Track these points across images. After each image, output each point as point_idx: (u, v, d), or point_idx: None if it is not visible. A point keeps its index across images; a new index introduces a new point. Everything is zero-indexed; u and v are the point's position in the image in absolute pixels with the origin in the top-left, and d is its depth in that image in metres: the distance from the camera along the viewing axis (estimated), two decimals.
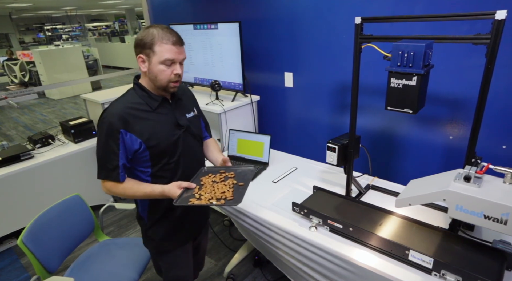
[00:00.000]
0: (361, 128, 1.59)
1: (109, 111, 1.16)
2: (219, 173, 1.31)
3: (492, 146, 1.68)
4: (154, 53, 1.14)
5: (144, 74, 1.21)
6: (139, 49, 1.16)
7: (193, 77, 2.94)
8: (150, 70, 1.17)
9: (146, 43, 1.14)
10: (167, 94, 1.25)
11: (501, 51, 1.03)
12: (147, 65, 1.16)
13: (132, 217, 2.84)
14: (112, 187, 1.20)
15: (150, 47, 1.13)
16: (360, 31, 1.26)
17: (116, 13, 18.56)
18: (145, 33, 1.14)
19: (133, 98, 1.21)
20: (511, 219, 0.92)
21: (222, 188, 1.21)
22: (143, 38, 1.14)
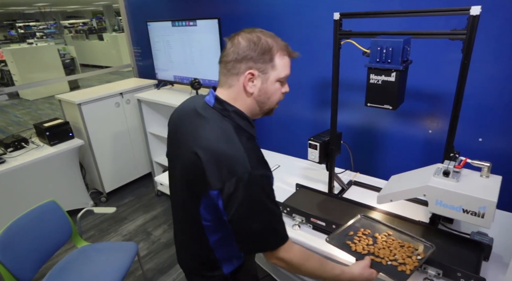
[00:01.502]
0: (343, 124, 1.59)
1: (245, 160, 0.79)
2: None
3: (469, 139, 1.71)
4: (273, 68, 0.86)
5: (245, 96, 0.87)
6: (249, 62, 0.84)
7: (172, 75, 2.88)
8: (263, 91, 0.87)
9: (263, 54, 0.84)
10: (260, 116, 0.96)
11: (477, 46, 1.04)
12: (259, 83, 0.86)
13: (113, 220, 2.77)
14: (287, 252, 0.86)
15: (270, 60, 0.85)
16: (339, 27, 1.25)
17: (94, 9, 18.00)
18: (255, 40, 0.84)
19: (240, 131, 0.86)
20: (487, 212, 0.93)
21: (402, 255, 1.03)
22: (256, 47, 0.83)
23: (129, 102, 3.03)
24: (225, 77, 0.88)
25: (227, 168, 0.78)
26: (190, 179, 0.87)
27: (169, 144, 1.02)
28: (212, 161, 0.80)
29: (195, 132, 0.86)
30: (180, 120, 0.96)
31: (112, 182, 3.08)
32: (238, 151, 0.80)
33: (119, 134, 3.03)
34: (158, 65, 2.97)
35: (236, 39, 0.85)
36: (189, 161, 0.84)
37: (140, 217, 2.81)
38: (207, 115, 0.88)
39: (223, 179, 0.78)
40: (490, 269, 1.11)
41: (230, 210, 0.80)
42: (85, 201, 2.85)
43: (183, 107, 1.00)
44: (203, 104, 0.91)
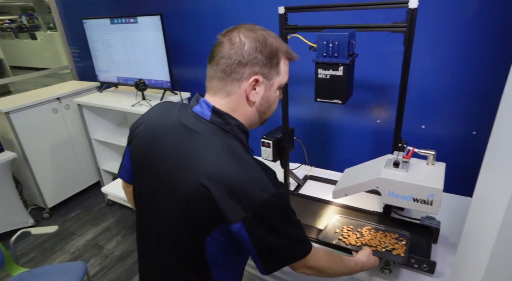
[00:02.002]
0: (294, 119, 1.59)
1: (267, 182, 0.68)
2: None
3: (413, 127, 1.80)
4: (278, 74, 0.76)
5: (246, 105, 0.76)
6: (255, 67, 0.72)
7: (115, 77, 2.68)
8: (265, 99, 0.77)
9: (270, 58, 0.73)
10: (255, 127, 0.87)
11: (415, 37, 1.07)
12: (262, 91, 0.75)
13: (58, 237, 2.52)
14: (315, 258, 0.80)
15: (277, 64, 0.74)
16: (284, 21, 1.22)
17: (23, 5, 16.30)
18: (261, 41, 0.72)
19: (246, 149, 0.75)
20: (435, 199, 0.96)
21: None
22: (264, 50, 0.71)
23: (68, 107, 2.78)
24: (222, 83, 0.73)
25: (248, 195, 0.65)
26: (194, 217, 0.70)
27: (140, 170, 0.82)
28: (226, 191, 0.65)
29: (193, 155, 0.69)
30: (159, 138, 0.76)
31: (55, 196, 2.81)
32: (256, 172, 0.68)
33: (59, 143, 2.76)
34: (99, 66, 2.75)
35: (237, 37, 0.71)
36: (192, 195, 0.68)
37: (89, 230, 2.60)
38: (202, 130, 0.72)
39: (246, 208, 0.65)
40: (439, 250, 1.16)
41: (259, 237, 0.69)
42: (24, 220, 2.56)
43: (160, 120, 0.79)
44: (192, 117, 0.74)
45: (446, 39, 1.57)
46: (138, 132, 0.82)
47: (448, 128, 1.74)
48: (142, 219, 0.86)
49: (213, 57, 0.74)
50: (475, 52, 1.53)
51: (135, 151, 0.83)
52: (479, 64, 1.54)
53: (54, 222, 2.72)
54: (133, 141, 0.84)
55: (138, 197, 0.86)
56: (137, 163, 0.83)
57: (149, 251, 0.85)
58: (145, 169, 0.80)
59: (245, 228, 0.67)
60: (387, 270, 1.08)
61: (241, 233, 0.67)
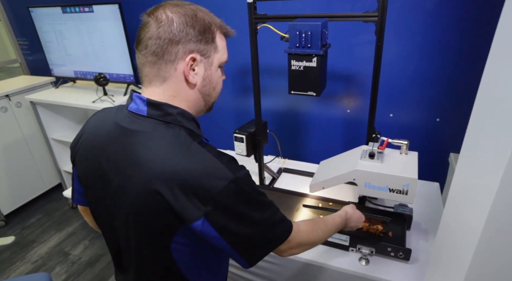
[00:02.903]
0: (266, 111, 1.56)
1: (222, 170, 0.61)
2: None
3: (382, 116, 1.83)
4: (216, 50, 0.69)
5: (187, 89, 0.68)
6: (189, 44, 0.64)
7: (72, 71, 2.49)
8: (207, 79, 0.70)
9: (204, 32, 0.65)
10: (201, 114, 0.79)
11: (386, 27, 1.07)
12: (202, 70, 0.68)
13: (18, 246, 2.34)
14: (298, 235, 0.75)
15: (212, 40, 0.67)
16: (253, 10, 1.16)
17: None
18: (190, 15, 0.64)
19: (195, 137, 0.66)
20: (410, 189, 0.98)
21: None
22: (195, 24, 0.64)
23: (20, 105, 2.54)
24: (155, 68, 0.65)
25: (203, 188, 0.59)
26: (151, 225, 0.64)
27: (91, 188, 0.75)
28: (179, 189, 0.59)
29: (136, 158, 0.62)
30: (101, 148, 0.69)
31: (10, 202, 2.59)
32: (208, 161, 0.61)
33: (12, 144, 2.53)
34: (53, 60, 2.53)
35: (163, 14, 0.63)
36: (143, 202, 0.61)
37: (53, 236, 2.43)
38: (142, 128, 0.64)
39: (205, 202, 0.59)
40: (412, 237, 1.19)
41: (229, 229, 0.62)
42: None
43: (97, 129, 0.72)
44: (129, 117, 0.67)
45: (411, 28, 1.60)
46: (79, 148, 0.75)
47: (414, 116, 1.79)
48: (109, 241, 0.80)
49: (140, 41, 0.65)
50: (439, 41, 1.57)
51: (81, 169, 0.75)
52: (443, 53, 1.59)
53: (11, 230, 2.52)
54: (76, 160, 0.76)
55: (96, 218, 0.79)
56: (85, 179, 0.75)
57: (127, 270, 0.79)
58: (95, 185, 0.72)
59: (209, 224, 0.60)
60: (365, 260, 1.09)
61: (207, 230, 0.61)
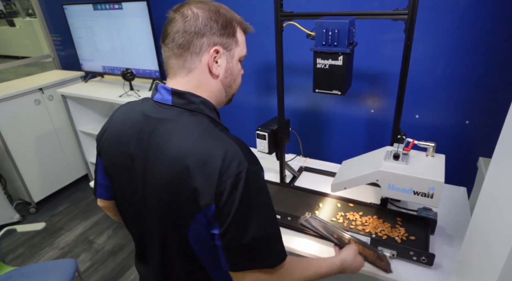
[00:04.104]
0: (288, 109, 1.56)
1: (239, 154, 0.63)
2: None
3: (407, 117, 1.79)
4: (237, 44, 0.73)
5: (210, 80, 0.72)
6: (213, 37, 0.68)
7: (101, 66, 2.58)
8: (229, 71, 0.73)
9: (226, 26, 0.69)
10: (222, 106, 0.82)
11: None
12: (224, 63, 0.71)
13: (47, 232, 2.46)
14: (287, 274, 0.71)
15: (233, 34, 0.71)
16: (279, 7, 1.16)
17: None
18: (214, 10, 0.69)
19: (217, 124, 0.71)
20: (436, 192, 0.95)
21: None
22: (218, 18, 0.68)
23: (51, 98, 2.66)
24: (181, 60, 0.69)
25: (221, 169, 0.60)
26: (173, 205, 0.65)
27: (119, 177, 0.77)
28: (200, 168, 0.61)
29: (163, 143, 0.65)
30: (128, 138, 0.72)
31: (41, 190, 2.73)
32: (229, 145, 0.63)
33: (44, 135, 2.66)
34: (83, 55, 2.63)
35: (189, 10, 0.67)
36: (169, 183, 0.64)
37: (79, 225, 2.54)
38: (167, 116, 0.68)
39: (218, 185, 0.60)
40: (436, 242, 1.16)
41: (225, 219, 0.62)
42: (9, 215, 2.48)
43: (124, 121, 0.75)
44: (154, 107, 0.71)
45: (441, 26, 1.54)
46: (105, 141, 0.78)
47: (441, 117, 1.74)
48: (134, 231, 0.82)
49: (167, 35, 0.69)
50: (470, 40, 1.51)
51: (108, 160, 0.78)
52: (474, 52, 1.53)
53: (41, 217, 2.65)
54: (102, 152, 0.79)
55: (122, 207, 0.82)
56: (112, 170, 0.78)
57: (150, 260, 0.81)
58: (122, 175, 0.75)
59: (215, 210, 0.61)
60: None
61: (213, 218, 0.62)
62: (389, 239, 1.11)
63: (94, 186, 0.87)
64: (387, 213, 1.24)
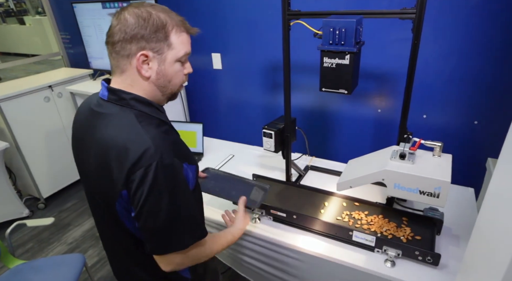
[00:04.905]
0: (295, 108, 1.55)
1: (151, 149, 0.71)
2: None
3: (414, 117, 1.78)
4: (170, 47, 0.77)
5: (141, 81, 0.78)
6: (141, 42, 0.73)
7: (108, 64, 2.60)
8: (161, 73, 0.78)
9: (156, 31, 0.74)
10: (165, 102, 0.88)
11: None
12: (156, 65, 0.77)
13: (55, 228, 2.50)
14: (199, 251, 0.84)
15: (165, 38, 0.76)
16: (287, 6, 1.16)
17: None
18: (144, 16, 0.73)
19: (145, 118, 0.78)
20: (442, 192, 0.95)
21: None
22: (147, 24, 0.73)
23: (61, 95, 2.70)
24: (116, 61, 0.77)
25: (133, 160, 0.70)
26: (102, 190, 0.78)
27: (77, 162, 0.89)
28: (117, 157, 0.71)
29: (97, 134, 0.77)
30: (80, 128, 0.85)
31: (50, 186, 2.77)
32: (143, 139, 0.72)
33: (53, 132, 2.70)
34: (91, 53, 2.66)
35: (122, 15, 0.74)
36: (98, 170, 0.76)
37: (86, 221, 2.57)
38: (105, 110, 0.78)
39: (129, 173, 0.70)
40: (442, 242, 1.15)
41: (136, 202, 0.72)
42: (19, 210, 2.53)
43: (79, 112, 0.88)
44: (98, 101, 0.81)
45: (450, 26, 1.53)
46: (73, 130, 0.90)
47: (449, 117, 1.72)
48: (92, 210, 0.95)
49: (107, 37, 0.77)
50: (479, 40, 1.50)
51: (72, 146, 0.90)
52: (483, 52, 1.51)
53: (50, 213, 2.69)
54: (72, 138, 0.90)
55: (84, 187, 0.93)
56: (74, 157, 0.90)
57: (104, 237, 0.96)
58: (77, 160, 0.88)
59: (128, 196, 0.73)
60: (390, 262, 1.07)
61: (127, 204, 0.74)
62: (394, 239, 1.11)
63: None
64: (393, 212, 1.24)
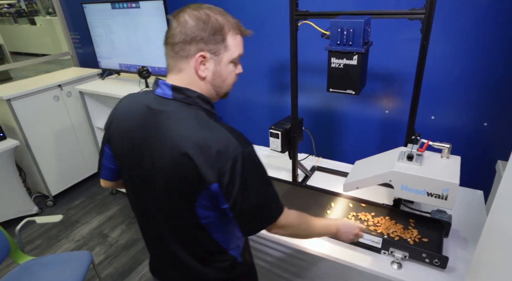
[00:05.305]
0: (302, 108, 1.55)
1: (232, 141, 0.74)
2: None
3: (422, 118, 1.75)
4: (226, 49, 0.79)
5: (198, 80, 0.80)
6: (200, 44, 0.76)
7: (117, 64, 2.63)
8: (217, 74, 0.80)
9: (214, 34, 0.76)
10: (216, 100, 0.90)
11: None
12: (212, 66, 0.79)
13: (63, 225, 2.53)
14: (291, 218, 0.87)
15: (223, 40, 0.78)
16: (295, 7, 1.17)
17: None
18: (204, 19, 0.75)
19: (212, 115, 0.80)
20: (451, 194, 0.94)
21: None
22: (206, 27, 0.75)
23: (70, 95, 2.74)
24: (174, 61, 0.79)
25: (219, 155, 0.72)
26: (180, 184, 0.76)
27: (128, 162, 0.86)
28: (202, 154, 0.72)
29: (167, 132, 0.76)
30: (133, 128, 0.82)
31: (58, 184, 2.81)
32: (222, 134, 0.74)
33: (62, 131, 2.74)
34: (100, 53, 2.69)
35: (182, 17, 0.76)
36: (176, 165, 0.75)
37: (94, 219, 2.60)
38: (170, 108, 0.78)
39: (218, 168, 0.72)
40: (450, 245, 1.14)
41: (231, 196, 0.74)
42: (28, 207, 2.56)
43: (128, 112, 0.85)
44: (156, 100, 0.80)
45: (460, 26, 1.51)
46: (113, 129, 0.87)
47: (458, 119, 1.70)
48: (140, 206, 0.90)
49: (166, 38, 0.79)
50: (489, 40, 1.48)
51: (117, 148, 0.87)
52: (494, 53, 1.49)
53: (58, 210, 2.73)
54: (112, 140, 0.89)
55: (131, 188, 0.90)
56: (122, 157, 0.88)
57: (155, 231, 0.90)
58: (131, 163, 0.85)
59: (220, 187, 0.73)
60: (397, 264, 1.06)
61: (218, 193, 0.74)
62: (401, 241, 1.10)
63: (99, 169, 0.98)
64: (400, 214, 1.23)
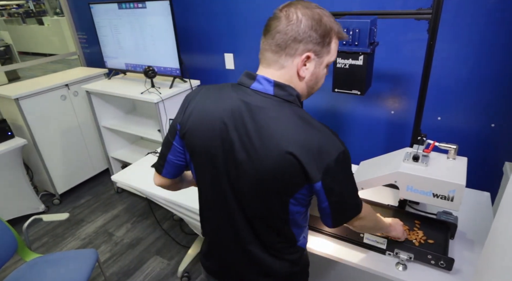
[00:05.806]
0: (307, 109, 1.55)
1: (335, 140, 0.75)
2: None
3: (429, 119, 1.75)
4: (328, 52, 0.78)
5: (297, 80, 0.78)
6: (309, 44, 0.74)
7: (123, 63, 2.65)
8: (314, 75, 0.79)
9: (324, 36, 0.74)
10: None
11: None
12: (312, 67, 0.77)
13: (69, 223, 2.55)
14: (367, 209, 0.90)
15: (329, 43, 0.77)
16: None
17: None
18: (317, 19, 0.73)
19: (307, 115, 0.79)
20: (457, 195, 0.93)
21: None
22: (319, 28, 0.73)
23: (76, 94, 2.76)
24: (276, 56, 0.76)
25: (324, 153, 0.72)
26: (281, 182, 0.75)
27: (208, 157, 0.82)
28: (306, 152, 0.71)
29: (269, 130, 0.73)
30: (227, 125, 0.77)
31: (65, 182, 2.84)
32: (325, 133, 0.74)
33: (68, 130, 2.76)
34: (107, 53, 2.71)
35: (294, 14, 0.73)
36: (278, 163, 0.73)
37: (99, 217, 2.62)
38: (269, 105, 0.76)
39: (322, 165, 0.72)
40: (456, 247, 1.13)
41: (333, 191, 0.76)
42: (35, 205, 2.59)
43: (214, 105, 0.80)
44: (255, 95, 0.77)
45: (467, 26, 1.50)
46: (192, 124, 0.82)
47: (465, 120, 1.69)
48: (217, 203, 0.87)
49: (269, 31, 0.76)
50: (497, 41, 1.47)
51: (198, 143, 0.83)
52: (502, 54, 1.48)
53: (65, 208, 2.76)
54: (189, 134, 0.83)
55: (210, 185, 0.86)
56: (204, 153, 0.83)
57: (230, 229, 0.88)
58: (218, 156, 0.80)
59: (322, 186, 0.73)
60: (402, 265, 1.06)
61: (320, 191, 0.75)
62: (406, 242, 1.09)
63: (159, 165, 0.93)
64: (405, 215, 1.22)
